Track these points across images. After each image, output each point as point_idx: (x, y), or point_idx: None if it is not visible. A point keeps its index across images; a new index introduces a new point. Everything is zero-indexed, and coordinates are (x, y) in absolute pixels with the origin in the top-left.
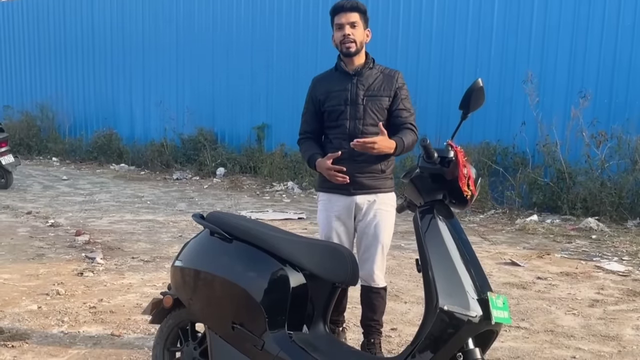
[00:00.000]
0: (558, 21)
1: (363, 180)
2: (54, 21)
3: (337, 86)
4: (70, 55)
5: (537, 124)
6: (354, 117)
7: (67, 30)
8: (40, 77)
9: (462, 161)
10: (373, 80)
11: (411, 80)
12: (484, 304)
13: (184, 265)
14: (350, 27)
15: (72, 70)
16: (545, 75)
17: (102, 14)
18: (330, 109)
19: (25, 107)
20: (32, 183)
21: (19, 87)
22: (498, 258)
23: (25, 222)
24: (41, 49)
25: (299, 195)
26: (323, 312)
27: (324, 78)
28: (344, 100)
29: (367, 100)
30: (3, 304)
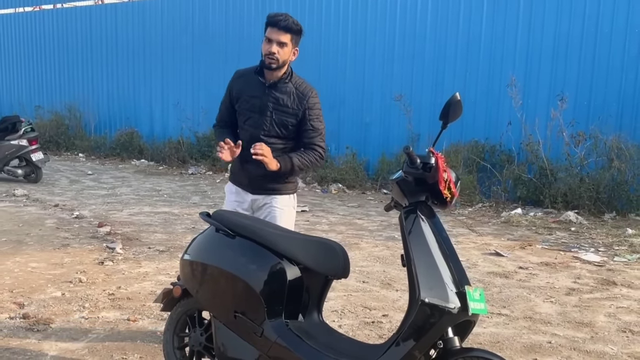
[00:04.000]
0: (541, 29)
1: (263, 183)
2: (81, 28)
3: (251, 91)
4: (96, 60)
5: (521, 125)
6: (260, 126)
7: (93, 36)
8: (69, 79)
9: (442, 166)
10: (285, 96)
11: (406, 83)
12: (462, 296)
13: (192, 258)
14: (277, 46)
15: (97, 73)
16: (529, 80)
17: (124, 22)
18: (240, 111)
19: (54, 108)
20: (59, 177)
21: (49, 89)
22: (484, 249)
23: (52, 214)
24: (69, 54)
25: (303, 190)
26: (317, 302)
27: (243, 75)
28: (254, 107)
29: (274, 114)
30: (30, 290)
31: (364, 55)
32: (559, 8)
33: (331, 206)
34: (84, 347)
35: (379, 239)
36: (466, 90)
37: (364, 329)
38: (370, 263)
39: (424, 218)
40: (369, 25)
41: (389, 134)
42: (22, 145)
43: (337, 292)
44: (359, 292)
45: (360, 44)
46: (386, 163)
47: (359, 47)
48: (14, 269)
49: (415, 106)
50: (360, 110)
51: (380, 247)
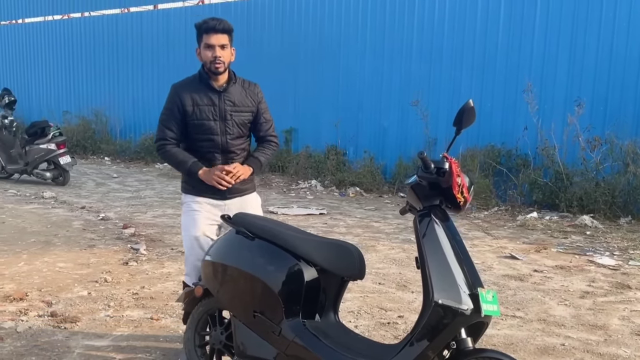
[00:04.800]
0: (558, 34)
1: (237, 185)
2: (108, 37)
3: (204, 100)
4: (121, 66)
5: (537, 130)
6: (224, 132)
7: (119, 44)
8: (95, 85)
9: (456, 171)
10: (238, 96)
11: (424, 88)
12: (475, 298)
13: (213, 259)
14: (220, 49)
15: (123, 80)
16: (546, 85)
17: (149, 30)
18: (199, 123)
19: (82, 113)
20: (86, 180)
21: (77, 95)
22: (499, 252)
23: (79, 216)
24: (96, 61)
25: (321, 193)
26: (333, 303)
27: (187, 88)
28: (212, 116)
29: (234, 116)
30: (58, 289)
31: (382, 61)
32: (575, 13)
33: (349, 209)
34: (109, 345)
35: (396, 242)
36: (483, 96)
37: (380, 330)
38: (387, 265)
39: (438, 221)
40: (387, 30)
41: (406, 139)
42: (51, 149)
43: (354, 293)
44: (375, 294)
45: (378, 50)
46: (403, 167)
47: (377, 53)
48: (43, 268)
49: (432, 111)
50: (378, 115)
51: (397, 249)
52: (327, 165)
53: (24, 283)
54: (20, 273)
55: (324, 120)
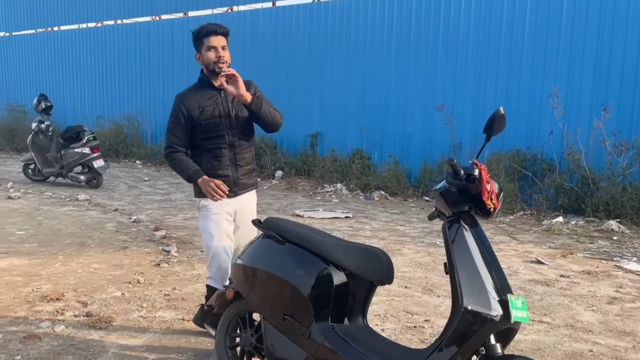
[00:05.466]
0: (584, 38)
1: (244, 181)
2: (140, 44)
3: (208, 101)
4: (153, 72)
5: (563, 134)
6: (230, 126)
7: (150, 50)
8: (128, 91)
9: (486, 178)
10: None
11: (448, 93)
12: (504, 304)
13: (244, 263)
14: (222, 50)
15: (154, 85)
16: (572, 89)
17: (180, 38)
18: (207, 122)
19: (114, 117)
20: (119, 183)
21: (110, 100)
22: (525, 256)
23: (112, 218)
24: (129, 67)
25: (347, 196)
26: (362, 307)
27: (190, 94)
28: (218, 113)
29: (236, 110)
30: (92, 290)
31: (407, 66)
32: (601, 16)
33: (374, 213)
34: (142, 345)
35: (421, 245)
36: (508, 100)
37: (406, 334)
38: (412, 269)
39: (467, 227)
40: (412, 36)
41: (431, 143)
42: (85, 153)
43: (380, 296)
44: (401, 297)
45: (403, 55)
46: (428, 171)
47: (402, 58)
48: (78, 269)
49: (457, 116)
50: (403, 120)
51: (422, 253)
52: (353, 169)
53: (60, 283)
54: (56, 274)
55: (350, 125)
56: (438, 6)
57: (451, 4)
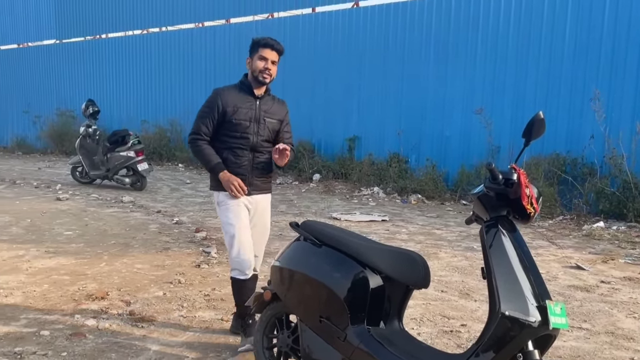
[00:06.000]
0: (626, 41)
1: (259, 183)
2: (184, 50)
3: (244, 103)
4: (195, 79)
5: (604, 138)
6: (256, 132)
7: (193, 56)
8: (171, 96)
9: (525, 182)
10: (271, 105)
11: (487, 97)
12: (543, 310)
13: (282, 265)
14: (271, 64)
15: (196, 91)
16: (614, 93)
17: (222, 44)
18: (237, 122)
19: (158, 122)
20: (162, 186)
21: (154, 105)
22: (564, 262)
23: (155, 220)
24: (172, 73)
25: (384, 200)
26: (398, 310)
27: (229, 92)
28: (249, 117)
29: (266, 120)
30: (135, 290)
31: (446, 70)
32: None
33: (410, 216)
34: (182, 344)
35: (458, 249)
36: (548, 104)
37: (443, 338)
38: (449, 273)
39: (505, 232)
40: (450, 39)
41: (469, 147)
42: (130, 156)
43: (416, 300)
44: (437, 301)
45: (441, 59)
46: (466, 175)
47: (441, 62)
48: (122, 269)
49: (496, 119)
50: (441, 123)
51: (459, 257)
52: (390, 173)
53: (105, 283)
54: (101, 273)
55: (387, 129)
56: (477, 8)
57: (490, 7)
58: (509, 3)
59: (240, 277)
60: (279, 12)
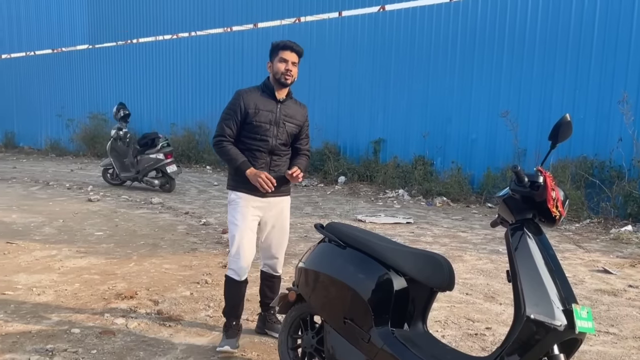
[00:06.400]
0: None
1: (277, 186)
2: (212, 54)
3: (266, 106)
4: (224, 82)
5: (633, 141)
6: (275, 135)
7: (222, 61)
8: (200, 100)
9: (551, 185)
10: (292, 110)
11: (513, 99)
12: (569, 314)
13: (306, 266)
14: (292, 65)
15: (225, 95)
16: None
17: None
18: (258, 124)
19: (187, 125)
20: (190, 188)
21: (183, 108)
22: (591, 265)
23: (183, 221)
24: (201, 77)
25: (408, 202)
26: (422, 312)
27: (251, 94)
28: (270, 120)
29: (286, 124)
30: (163, 289)
31: (472, 73)
32: None
33: (435, 219)
34: (208, 343)
35: (483, 252)
36: (575, 106)
37: (467, 341)
38: (474, 276)
39: (531, 235)
40: (477, 41)
41: (495, 149)
42: (159, 158)
43: (441, 302)
44: (462, 304)
45: (467, 61)
46: (491, 177)
47: (467, 65)
48: (150, 269)
49: (522, 122)
50: (467, 127)
51: (484, 260)
52: (415, 175)
53: (133, 282)
54: (130, 273)
55: (412, 132)
56: (504, 10)
57: (517, 8)
58: (535, 5)
59: (234, 277)
60: (306, 16)
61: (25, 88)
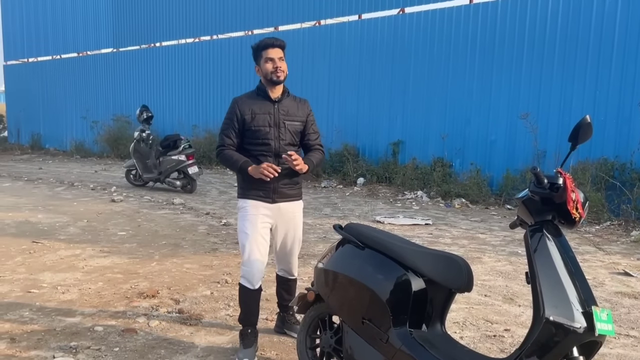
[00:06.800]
0: None
1: (285, 190)
2: (234, 57)
3: (262, 109)
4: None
5: None
6: (277, 137)
7: (242, 65)
8: (221, 102)
9: (571, 187)
10: (291, 107)
11: (533, 101)
12: (588, 316)
13: (325, 267)
14: (279, 60)
15: None
16: None
17: None
18: (256, 129)
19: (208, 127)
20: (210, 189)
21: (204, 111)
22: (611, 268)
23: (204, 221)
24: (222, 80)
25: (427, 203)
26: (440, 314)
27: (246, 100)
28: (268, 122)
29: (287, 124)
30: (184, 289)
31: (491, 75)
32: None
33: (454, 220)
34: (228, 342)
35: (502, 254)
36: (595, 108)
37: (485, 342)
38: (493, 277)
39: (550, 237)
40: (496, 43)
41: (514, 151)
42: (181, 160)
43: (459, 304)
44: (480, 306)
45: (487, 63)
46: (511, 179)
47: (486, 66)
48: (172, 269)
49: (542, 124)
50: (486, 129)
51: (503, 262)
52: (433, 177)
53: (155, 281)
54: (152, 272)
55: (431, 133)
56: (524, 12)
57: (537, 10)
58: (556, 6)
59: (247, 286)
60: (326, 19)
61: (52, 91)
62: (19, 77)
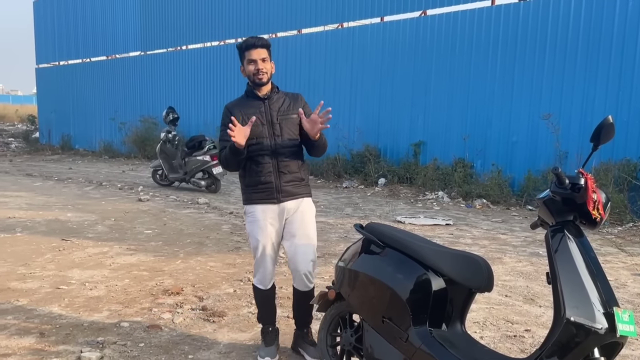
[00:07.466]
0: None
1: (290, 188)
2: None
3: (252, 109)
4: None
5: None
6: (273, 134)
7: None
8: None
9: (592, 187)
10: (282, 103)
11: (555, 102)
12: (610, 317)
13: (345, 266)
14: (261, 62)
15: None
16: None
17: (293, 54)
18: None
19: None
20: (234, 189)
21: None
22: (634, 269)
23: (228, 220)
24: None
25: (448, 204)
26: (460, 313)
27: (236, 104)
28: (260, 121)
29: (281, 119)
30: (208, 286)
31: (512, 76)
32: None
33: (475, 221)
34: (250, 339)
35: (523, 255)
36: (618, 108)
37: (506, 342)
38: (514, 278)
39: (571, 237)
40: (518, 44)
41: (536, 152)
42: (206, 160)
43: (479, 304)
44: (501, 306)
45: (508, 64)
46: (532, 180)
47: (508, 67)
48: (196, 267)
49: (564, 125)
50: (507, 129)
51: (524, 262)
52: (454, 177)
53: (180, 279)
54: (177, 270)
55: (453, 134)
56: (546, 13)
57: (559, 10)
58: (578, 7)
59: (260, 287)
60: (349, 22)
61: (82, 93)
62: (51, 79)
